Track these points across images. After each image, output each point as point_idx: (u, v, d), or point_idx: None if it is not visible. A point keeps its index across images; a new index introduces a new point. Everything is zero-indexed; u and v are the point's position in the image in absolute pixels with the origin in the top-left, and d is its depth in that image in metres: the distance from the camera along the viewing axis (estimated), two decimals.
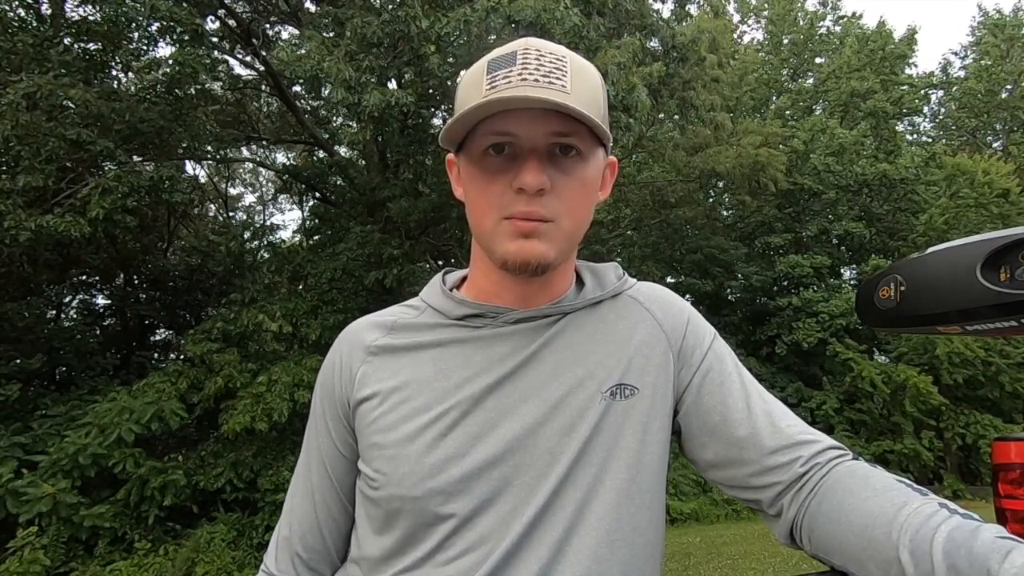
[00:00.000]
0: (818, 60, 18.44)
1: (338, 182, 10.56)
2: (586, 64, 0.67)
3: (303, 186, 11.28)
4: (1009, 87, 18.05)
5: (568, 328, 0.70)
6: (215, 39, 8.03)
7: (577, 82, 0.63)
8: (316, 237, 11.58)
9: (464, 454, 0.63)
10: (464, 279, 0.78)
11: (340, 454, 0.72)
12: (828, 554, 0.61)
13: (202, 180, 12.82)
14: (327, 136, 10.52)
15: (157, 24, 6.90)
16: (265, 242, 12.18)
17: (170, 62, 6.99)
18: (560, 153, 0.64)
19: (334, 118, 10.81)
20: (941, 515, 0.53)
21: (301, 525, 0.74)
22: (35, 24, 7.21)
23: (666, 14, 9.32)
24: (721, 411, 0.69)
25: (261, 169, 14.51)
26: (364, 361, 0.71)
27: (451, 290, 0.75)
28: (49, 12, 7.33)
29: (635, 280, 0.78)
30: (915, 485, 0.59)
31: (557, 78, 0.62)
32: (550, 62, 0.63)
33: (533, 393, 0.66)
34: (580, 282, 0.76)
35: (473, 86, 0.64)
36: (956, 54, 25.28)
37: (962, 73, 19.17)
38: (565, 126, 0.62)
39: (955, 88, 18.70)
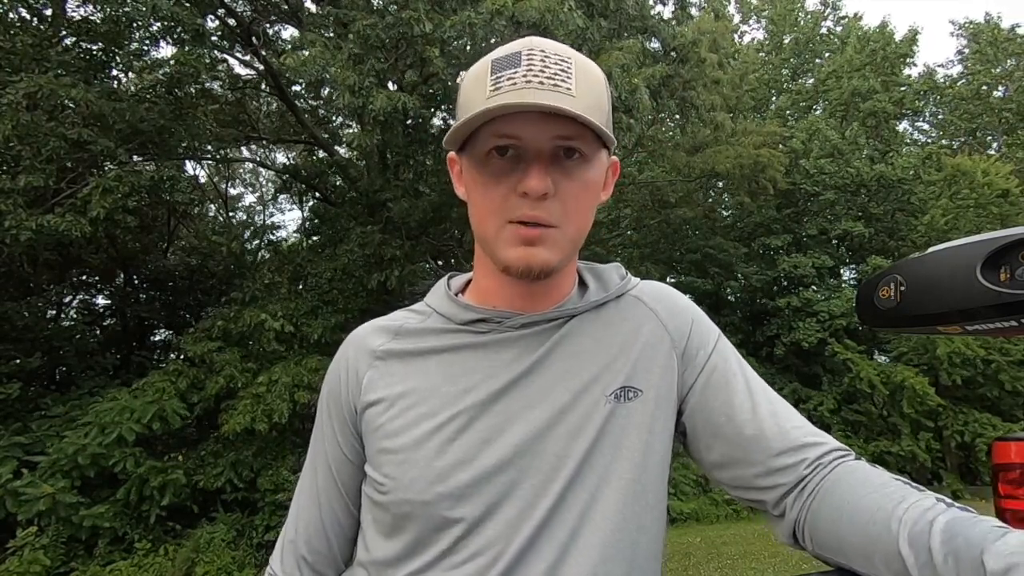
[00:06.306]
0: (819, 60, 18.42)
1: (338, 182, 10.55)
2: (590, 64, 0.66)
3: (303, 186, 11.26)
4: (1003, 88, 18.02)
5: (573, 332, 0.70)
6: (215, 38, 8.03)
7: (582, 84, 0.62)
8: (316, 237, 11.57)
9: (473, 459, 0.64)
10: (468, 282, 0.78)
11: (346, 458, 0.73)
12: (832, 552, 0.61)
13: (202, 180, 12.81)
14: (327, 136, 10.51)
15: (158, 24, 6.90)
16: (265, 242, 12.18)
17: (171, 62, 6.99)
18: (564, 156, 0.63)
19: (334, 118, 10.81)
20: (938, 508, 0.54)
21: (307, 528, 0.75)
22: (35, 24, 7.20)
23: (667, 15, 9.33)
24: (726, 412, 0.69)
25: (261, 169, 14.50)
26: (371, 366, 0.71)
27: (456, 294, 0.75)
28: (50, 12, 7.32)
29: (638, 279, 0.78)
30: (912, 483, 0.60)
31: (562, 80, 0.61)
32: (555, 63, 0.62)
33: (540, 398, 0.66)
34: (582, 283, 0.76)
35: (477, 87, 0.64)
36: (949, 62, 25.32)
37: (954, 74, 19.19)
38: (569, 129, 0.62)
39: (947, 91, 18.68)
